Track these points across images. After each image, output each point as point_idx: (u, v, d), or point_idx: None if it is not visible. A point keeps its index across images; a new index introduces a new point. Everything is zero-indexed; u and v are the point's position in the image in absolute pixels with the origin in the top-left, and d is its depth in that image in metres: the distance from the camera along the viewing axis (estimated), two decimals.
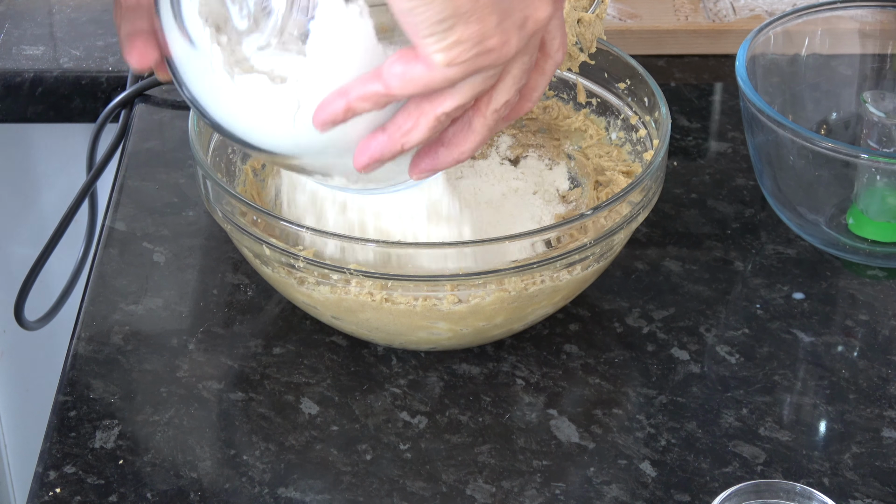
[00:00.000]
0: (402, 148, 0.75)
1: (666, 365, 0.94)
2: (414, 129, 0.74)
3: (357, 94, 0.73)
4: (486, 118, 0.75)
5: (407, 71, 0.71)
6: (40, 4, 1.30)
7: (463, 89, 0.73)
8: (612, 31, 1.22)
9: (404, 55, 0.71)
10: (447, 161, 0.78)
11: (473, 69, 0.71)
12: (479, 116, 0.75)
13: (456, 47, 0.70)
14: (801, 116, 1.08)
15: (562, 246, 0.87)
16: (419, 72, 0.71)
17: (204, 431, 0.89)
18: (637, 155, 0.99)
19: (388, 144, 0.75)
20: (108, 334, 0.95)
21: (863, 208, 1.02)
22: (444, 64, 0.70)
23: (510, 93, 0.74)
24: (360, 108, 0.74)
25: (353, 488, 0.86)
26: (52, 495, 0.85)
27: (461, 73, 0.71)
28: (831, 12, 1.09)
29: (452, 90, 0.72)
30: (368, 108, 0.74)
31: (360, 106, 0.74)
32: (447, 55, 0.70)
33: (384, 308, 0.87)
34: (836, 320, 0.98)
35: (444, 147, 0.77)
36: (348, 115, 0.74)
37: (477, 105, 0.75)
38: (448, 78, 0.71)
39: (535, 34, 0.72)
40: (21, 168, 1.29)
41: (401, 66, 0.71)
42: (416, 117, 0.74)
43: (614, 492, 0.85)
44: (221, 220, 0.90)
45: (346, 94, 0.74)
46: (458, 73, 0.71)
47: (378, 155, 0.76)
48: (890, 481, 0.86)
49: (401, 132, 0.75)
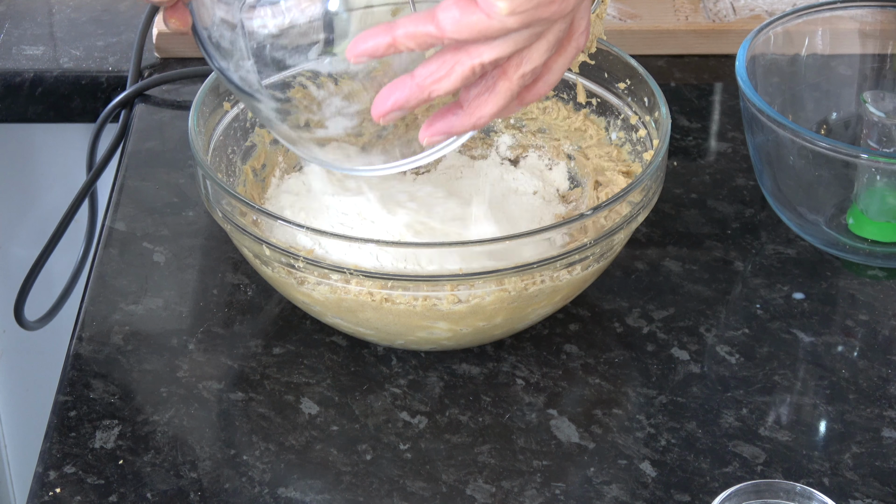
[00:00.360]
0: (430, 96, 0.74)
1: (666, 365, 0.94)
2: (445, 78, 0.73)
3: (405, 32, 0.72)
4: (511, 82, 0.75)
5: (464, 16, 0.71)
6: (40, 4, 1.30)
7: (507, 42, 0.72)
8: (612, 31, 1.22)
9: (461, 0, 0.71)
10: (463, 125, 0.77)
11: (531, 20, 0.71)
12: (504, 79, 0.75)
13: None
14: (801, 116, 1.08)
15: (561, 246, 0.87)
16: (477, 18, 0.70)
17: (204, 431, 0.89)
18: (637, 155, 0.99)
19: (415, 91, 0.74)
20: (108, 334, 0.96)
21: (863, 208, 1.02)
22: (506, 12, 0.70)
23: (540, 59, 0.74)
24: (404, 45, 0.73)
25: (353, 488, 0.86)
26: (52, 495, 0.85)
27: (519, 22, 0.71)
28: (831, 12, 1.09)
29: (494, 42, 0.72)
30: (413, 47, 0.73)
31: (405, 44, 0.72)
32: (511, 3, 0.70)
33: (384, 308, 0.87)
34: (836, 320, 0.98)
35: (463, 109, 0.76)
36: (390, 50, 0.73)
37: (504, 68, 0.75)
38: (505, 27, 0.71)
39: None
40: (21, 168, 1.29)
41: (458, 10, 0.71)
42: (451, 65, 0.73)
43: (614, 492, 0.85)
44: (221, 220, 0.90)
45: (392, 30, 0.73)
46: (516, 22, 0.70)
47: (403, 101, 0.75)
48: (890, 481, 0.86)
49: (432, 79, 0.74)
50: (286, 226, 0.87)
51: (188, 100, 1.16)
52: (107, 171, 1.14)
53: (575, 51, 0.77)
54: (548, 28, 0.73)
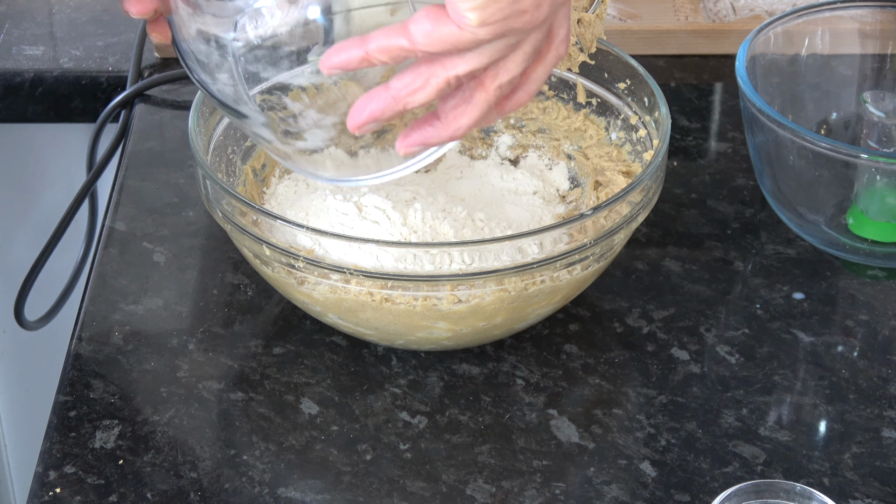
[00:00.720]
0: (405, 108, 0.74)
1: (666, 365, 0.94)
2: (421, 90, 0.73)
3: (378, 45, 0.72)
4: (488, 93, 0.74)
5: (436, 28, 0.70)
6: (40, 4, 1.30)
7: (481, 53, 0.72)
8: (612, 31, 1.22)
9: (432, 12, 0.70)
10: (440, 137, 0.76)
11: (503, 31, 0.70)
12: (481, 90, 0.74)
13: (491, 6, 0.69)
14: (801, 116, 1.08)
15: (562, 246, 0.87)
16: (449, 30, 0.70)
17: (204, 431, 0.89)
18: (637, 155, 0.99)
19: (390, 103, 0.74)
20: (108, 334, 0.96)
21: (863, 208, 1.02)
22: (476, 23, 0.69)
23: (518, 69, 0.74)
24: (377, 59, 0.72)
25: (353, 488, 0.86)
26: (52, 495, 0.85)
27: (491, 33, 0.70)
28: (831, 12, 1.09)
29: (469, 53, 0.71)
30: (386, 60, 0.72)
31: (378, 57, 0.72)
32: (481, 14, 0.69)
33: (384, 308, 0.87)
34: (836, 320, 0.98)
35: (440, 121, 0.76)
36: (363, 64, 0.72)
37: (481, 79, 0.74)
38: (477, 38, 0.70)
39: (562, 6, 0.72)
40: (21, 168, 1.29)
41: (429, 22, 0.70)
42: (426, 77, 0.73)
43: (614, 492, 0.85)
44: (221, 220, 0.90)
45: (365, 43, 0.72)
46: (487, 33, 0.70)
47: (378, 113, 0.74)
48: (890, 481, 0.86)
49: (407, 91, 0.73)
50: (286, 226, 0.87)
51: (188, 100, 1.16)
52: (107, 171, 1.14)
53: (555, 59, 0.76)
54: (523, 38, 0.73)
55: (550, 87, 1.04)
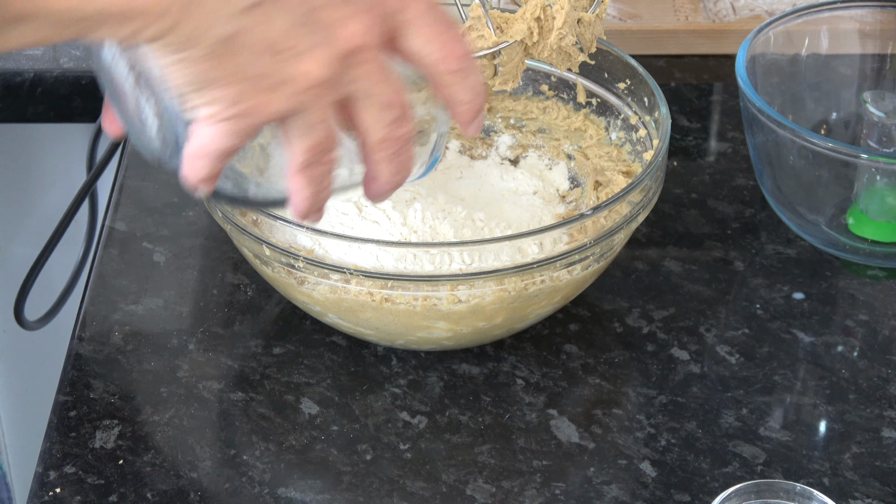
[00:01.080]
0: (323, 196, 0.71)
1: (666, 365, 0.94)
2: (304, 189, 0.70)
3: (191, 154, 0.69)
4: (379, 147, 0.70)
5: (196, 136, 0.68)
6: None
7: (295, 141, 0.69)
8: (612, 31, 1.22)
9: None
10: (391, 185, 0.72)
11: (244, 127, 0.67)
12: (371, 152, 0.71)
13: (214, 104, 0.66)
14: (801, 116, 1.08)
15: (562, 246, 0.87)
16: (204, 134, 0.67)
17: (204, 431, 0.89)
18: (637, 155, 0.99)
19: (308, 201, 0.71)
20: (108, 334, 0.96)
21: (863, 208, 1.02)
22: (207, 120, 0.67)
23: (326, 131, 0.69)
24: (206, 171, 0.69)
25: (353, 488, 0.86)
26: (52, 495, 0.85)
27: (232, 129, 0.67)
28: (831, 12, 1.09)
29: (288, 143, 0.69)
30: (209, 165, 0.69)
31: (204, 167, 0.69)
32: (209, 110, 0.66)
33: (384, 308, 0.87)
34: (836, 320, 0.98)
35: (375, 182, 0.72)
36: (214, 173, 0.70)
37: (362, 143, 0.70)
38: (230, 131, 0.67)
39: (310, 88, 0.67)
40: (21, 168, 1.29)
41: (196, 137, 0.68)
42: (299, 181, 0.70)
43: (614, 492, 0.85)
44: (221, 221, 0.90)
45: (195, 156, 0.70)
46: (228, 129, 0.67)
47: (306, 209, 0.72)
48: (890, 481, 0.86)
49: (301, 197, 0.71)
50: (286, 226, 0.87)
51: None
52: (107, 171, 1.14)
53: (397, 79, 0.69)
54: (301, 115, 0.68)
55: (550, 87, 1.04)
